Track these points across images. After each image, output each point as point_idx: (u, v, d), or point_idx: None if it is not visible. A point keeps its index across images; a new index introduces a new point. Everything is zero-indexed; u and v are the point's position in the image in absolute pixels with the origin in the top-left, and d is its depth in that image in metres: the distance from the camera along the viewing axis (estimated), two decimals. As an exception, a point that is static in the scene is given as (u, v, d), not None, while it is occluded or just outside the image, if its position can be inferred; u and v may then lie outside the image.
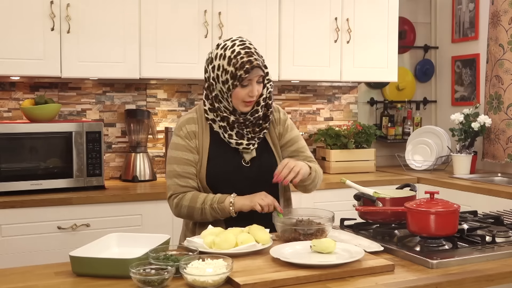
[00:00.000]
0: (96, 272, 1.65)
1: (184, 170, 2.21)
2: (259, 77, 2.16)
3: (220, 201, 2.13)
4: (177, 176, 2.21)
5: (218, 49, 2.22)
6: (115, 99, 3.86)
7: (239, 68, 2.11)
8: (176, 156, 2.22)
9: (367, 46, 4.12)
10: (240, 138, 2.21)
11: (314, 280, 1.62)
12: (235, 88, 2.14)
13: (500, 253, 1.86)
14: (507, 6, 4.02)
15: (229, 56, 2.15)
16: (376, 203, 2.15)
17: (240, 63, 2.11)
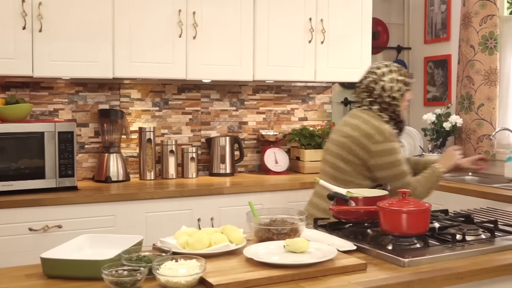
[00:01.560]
0: (67, 274, 1.63)
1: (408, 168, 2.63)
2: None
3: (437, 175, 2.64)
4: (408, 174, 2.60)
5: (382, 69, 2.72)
6: (88, 99, 3.83)
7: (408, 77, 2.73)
8: (402, 158, 2.59)
9: (341, 46, 4.14)
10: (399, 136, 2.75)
11: (287, 279, 1.62)
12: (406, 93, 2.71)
13: (470, 251, 1.89)
14: (478, 8, 4.08)
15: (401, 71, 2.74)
16: (349, 202, 2.17)
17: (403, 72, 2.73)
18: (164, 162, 3.92)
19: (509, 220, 2.39)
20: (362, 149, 2.56)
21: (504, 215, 2.54)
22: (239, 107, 4.28)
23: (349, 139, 2.61)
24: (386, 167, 2.54)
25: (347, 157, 2.60)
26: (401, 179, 2.56)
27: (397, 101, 2.66)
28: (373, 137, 2.55)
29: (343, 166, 2.61)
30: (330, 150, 2.72)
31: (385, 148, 2.54)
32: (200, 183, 3.75)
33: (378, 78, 2.66)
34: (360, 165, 2.58)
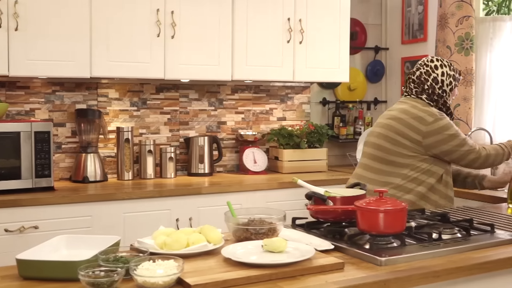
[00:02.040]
0: (43, 275, 1.61)
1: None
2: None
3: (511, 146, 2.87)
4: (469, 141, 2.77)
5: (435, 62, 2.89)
6: (65, 98, 3.80)
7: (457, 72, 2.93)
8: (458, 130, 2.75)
9: (320, 46, 4.16)
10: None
11: (265, 279, 1.62)
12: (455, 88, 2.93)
13: (446, 250, 1.91)
14: (454, 9, 4.13)
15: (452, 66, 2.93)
16: (327, 202, 2.18)
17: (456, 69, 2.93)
18: (142, 162, 3.90)
19: (484, 219, 2.42)
20: (412, 131, 2.72)
21: (479, 214, 2.57)
22: (218, 107, 4.28)
23: (396, 121, 2.77)
24: (445, 142, 2.70)
25: (393, 137, 2.76)
26: (465, 145, 2.73)
27: (447, 94, 2.84)
28: (423, 119, 2.72)
29: (388, 145, 2.77)
30: (373, 132, 2.88)
31: (439, 126, 2.71)
32: (179, 183, 3.74)
33: (432, 71, 2.83)
34: (409, 146, 2.73)
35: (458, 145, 2.72)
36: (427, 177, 2.73)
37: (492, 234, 2.12)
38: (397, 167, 2.75)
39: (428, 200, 2.74)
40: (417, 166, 2.73)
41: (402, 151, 2.74)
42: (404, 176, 2.73)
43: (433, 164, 2.74)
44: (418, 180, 2.73)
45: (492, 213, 2.60)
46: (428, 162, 2.74)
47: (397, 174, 2.74)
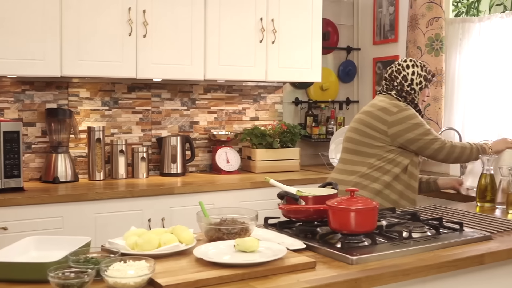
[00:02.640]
0: (12, 277, 1.59)
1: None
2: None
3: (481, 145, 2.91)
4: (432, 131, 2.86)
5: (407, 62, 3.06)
6: (35, 97, 3.75)
7: (428, 73, 3.03)
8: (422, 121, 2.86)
9: (292, 46, 4.17)
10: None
11: (237, 279, 1.63)
12: (424, 88, 3.01)
13: (416, 248, 1.93)
14: (424, 10, 4.18)
15: (424, 67, 3.06)
16: (299, 201, 2.18)
17: (428, 70, 3.05)
18: (114, 162, 3.87)
19: (453, 217, 2.46)
20: (379, 121, 2.87)
21: (448, 212, 2.61)
22: (190, 106, 4.26)
23: (365, 114, 2.94)
24: (409, 130, 2.81)
25: (362, 129, 2.90)
26: (429, 135, 2.84)
27: (416, 93, 2.94)
28: (388, 110, 2.86)
29: (357, 137, 2.92)
30: (349, 127, 3.04)
31: (403, 116, 2.83)
32: (151, 183, 3.72)
33: (402, 69, 2.98)
34: (376, 137, 2.86)
35: (423, 134, 2.83)
36: (393, 166, 2.85)
37: (461, 232, 2.15)
38: (364, 157, 2.88)
39: (393, 189, 2.85)
40: (384, 156, 2.85)
41: (370, 142, 2.88)
42: (370, 165, 2.86)
43: (399, 154, 2.86)
44: (384, 169, 2.85)
45: (461, 211, 2.64)
46: (394, 152, 2.86)
47: (364, 163, 2.88)
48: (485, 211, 2.71)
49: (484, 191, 2.80)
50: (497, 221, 2.43)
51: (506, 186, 2.71)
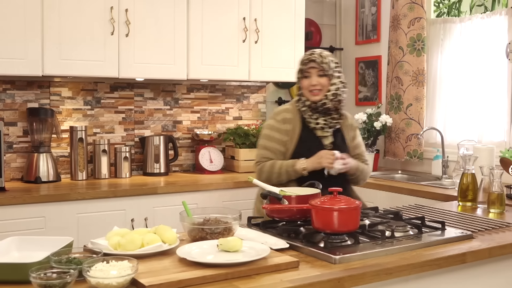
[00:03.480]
0: (-7, 277, 1.58)
1: (273, 147, 2.78)
2: (319, 71, 2.74)
3: (293, 165, 2.70)
4: (264, 149, 2.80)
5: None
6: (16, 97, 3.71)
7: (301, 63, 2.81)
8: (269, 134, 2.81)
9: (275, 46, 4.18)
10: (317, 119, 2.77)
11: (220, 279, 1.62)
12: (301, 80, 2.80)
13: (398, 247, 1.94)
14: (406, 11, 4.21)
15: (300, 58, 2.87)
16: (282, 201, 2.19)
17: (302, 60, 2.81)
18: (97, 162, 3.85)
19: (435, 217, 2.48)
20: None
21: (431, 211, 2.63)
22: (173, 106, 4.25)
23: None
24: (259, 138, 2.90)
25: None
26: (257, 149, 2.86)
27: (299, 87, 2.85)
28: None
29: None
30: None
31: (264, 125, 2.92)
32: (134, 183, 3.70)
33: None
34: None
35: (258, 146, 2.87)
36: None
37: (443, 231, 2.17)
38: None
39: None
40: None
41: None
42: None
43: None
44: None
45: (443, 210, 2.66)
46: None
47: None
48: (467, 210, 2.74)
49: (466, 190, 2.82)
50: (479, 220, 2.45)
51: (487, 185, 2.74)
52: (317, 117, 2.79)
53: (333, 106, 2.77)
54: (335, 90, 2.77)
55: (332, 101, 2.76)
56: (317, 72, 2.76)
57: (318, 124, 2.78)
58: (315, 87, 2.75)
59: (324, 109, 2.77)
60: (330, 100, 2.76)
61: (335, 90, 2.77)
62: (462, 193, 2.84)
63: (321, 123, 2.78)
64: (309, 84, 2.76)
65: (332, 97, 2.76)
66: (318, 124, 2.78)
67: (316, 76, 2.76)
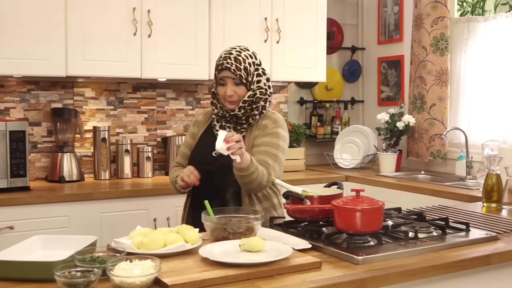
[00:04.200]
0: (19, 275, 1.60)
1: (182, 150, 2.66)
2: (235, 79, 2.45)
3: (175, 177, 2.52)
4: (179, 154, 2.68)
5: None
6: (41, 97, 3.76)
7: (216, 69, 2.51)
8: (185, 138, 2.70)
9: (297, 46, 4.17)
10: (221, 129, 2.49)
11: (243, 278, 1.62)
12: (217, 86, 2.53)
13: (422, 248, 1.93)
14: (429, 10, 4.17)
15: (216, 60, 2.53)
16: (304, 201, 2.18)
17: (217, 65, 2.50)
18: (119, 161, 3.88)
19: (459, 218, 2.45)
20: None
21: (455, 212, 2.60)
22: (195, 106, 4.26)
23: None
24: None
25: None
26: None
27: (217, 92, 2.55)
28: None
29: None
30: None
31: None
32: (156, 182, 3.72)
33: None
34: None
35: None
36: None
37: (467, 232, 2.15)
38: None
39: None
40: None
41: None
42: None
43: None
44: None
45: (467, 211, 2.63)
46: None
47: None
48: (491, 211, 2.70)
49: (490, 191, 2.79)
50: (504, 221, 2.42)
51: (512, 186, 2.70)
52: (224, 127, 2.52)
53: (242, 115, 2.49)
54: (250, 97, 2.48)
55: (244, 109, 2.48)
56: (233, 81, 2.46)
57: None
58: (230, 98, 2.46)
59: (231, 116, 2.51)
60: (242, 108, 2.47)
61: (250, 98, 2.48)
62: (486, 194, 2.81)
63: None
64: (224, 93, 2.47)
65: (245, 104, 2.47)
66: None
67: (232, 85, 2.46)
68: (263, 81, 2.52)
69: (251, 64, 2.50)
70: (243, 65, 2.46)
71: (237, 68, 2.45)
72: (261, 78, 2.52)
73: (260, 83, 2.51)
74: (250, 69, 2.49)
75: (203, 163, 2.45)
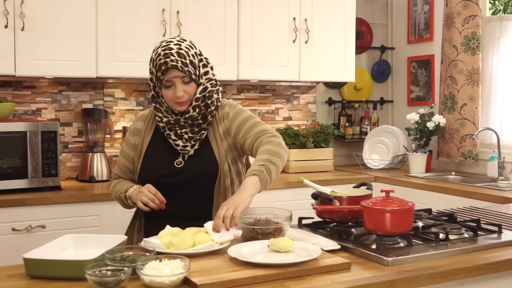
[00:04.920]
0: (50, 274, 1.62)
1: (121, 162, 2.38)
2: (184, 78, 2.15)
3: (123, 191, 2.29)
4: (117, 165, 2.41)
5: (152, 52, 2.20)
6: (72, 98, 3.81)
7: (158, 70, 2.14)
8: (122, 148, 2.39)
9: (325, 46, 4.15)
10: (178, 139, 2.22)
11: (271, 279, 1.62)
12: (161, 89, 2.17)
13: (453, 250, 1.90)
14: (460, 8, 4.11)
15: (153, 59, 2.18)
16: (333, 202, 2.17)
17: (158, 65, 2.13)
18: (148, 161, 3.90)
19: (491, 219, 2.41)
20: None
21: (486, 214, 2.56)
22: (224, 106, 4.27)
23: None
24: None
25: None
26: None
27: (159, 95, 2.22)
28: None
29: None
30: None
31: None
32: (185, 182, 3.73)
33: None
34: None
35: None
36: None
37: (500, 234, 2.11)
38: None
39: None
40: None
41: None
42: None
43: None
44: None
45: (500, 213, 2.59)
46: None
47: None
48: (524, 213, 2.66)
49: (523, 192, 2.74)
50: (537, 223, 2.38)
51: (545, 187, 2.65)
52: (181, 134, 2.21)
53: (198, 114, 2.20)
54: (202, 92, 2.20)
55: (199, 107, 2.20)
56: (181, 80, 2.14)
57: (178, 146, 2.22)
58: (181, 98, 2.15)
59: (186, 120, 2.20)
60: (197, 107, 2.19)
61: (202, 93, 2.20)
62: (519, 195, 2.76)
63: (180, 144, 2.22)
64: (172, 96, 2.15)
65: (196, 102, 2.19)
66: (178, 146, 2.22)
67: (180, 85, 2.14)
68: (210, 71, 2.25)
69: (194, 55, 2.20)
70: (188, 59, 2.15)
71: (184, 64, 2.13)
72: (207, 69, 2.25)
73: (208, 74, 2.24)
74: (195, 62, 2.19)
75: (163, 176, 2.22)
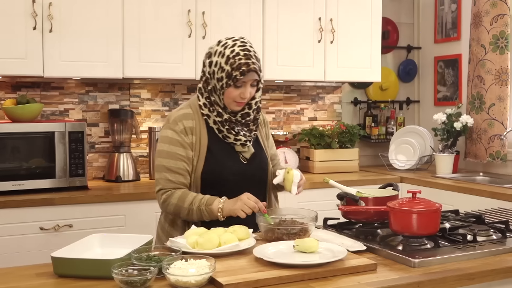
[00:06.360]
0: (78, 273, 1.64)
1: (176, 165, 2.20)
2: (253, 81, 2.22)
3: (209, 204, 2.14)
4: (168, 171, 2.21)
5: (219, 46, 2.24)
6: (98, 98, 3.84)
7: (235, 69, 2.15)
8: (169, 150, 2.21)
9: (351, 46, 4.13)
10: (237, 134, 2.25)
11: (297, 279, 1.62)
12: (228, 87, 2.18)
13: (481, 252, 1.88)
14: (488, 7, 4.06)
15: (228, 55, 2.18)
16: (359, 202, 2.16)
17: (237, 64, 2.15)
18: (174, 162, 3.92)
19: (520, 221, 2.37)
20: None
21: (515, 215, 2.53)
22: (249, 107, 4.27)
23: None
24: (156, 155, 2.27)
25: None
26: (157, 172, 2.23)
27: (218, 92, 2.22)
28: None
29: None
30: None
31: (160, 136, 2.28)
32: (210, 183, 3.74)
33: (208, 56, 2.27)
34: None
35: (157, 168, 2.25)
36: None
37: (529, 236, 2.08)
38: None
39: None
40: None
41: None
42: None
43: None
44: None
45: (528, 214, 2.55)
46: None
47: None
48: (554, 214, 2.61)
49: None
50: None
51: None
52: (238, 131, 2.25)
53: (253, 117, 2.31)
54: (259, 97, 2.31)
55: (255, 110, 2.30)
56: (252, 82, 2.21)
57: (239, 141, 2.26)
58: (245, 100, 2.21)
59: (244, 120, 2.27)
60: (253, 110, 2.29)
61: (259, 98, 2.31)
62: (549, 197, 2.71)
63: (242, 139, 2.25)
64: (238, 96, 2.19)
65: (255, 106, 2.29)
66: (239, 141, 2.26)
67: (249, 87, 2.20)
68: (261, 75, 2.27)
69: (259, 59, 2.26)
70: (260, 61, 2.24)
71: (259, 69, 2.21)
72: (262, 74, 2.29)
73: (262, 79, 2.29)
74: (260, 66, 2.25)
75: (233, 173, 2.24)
